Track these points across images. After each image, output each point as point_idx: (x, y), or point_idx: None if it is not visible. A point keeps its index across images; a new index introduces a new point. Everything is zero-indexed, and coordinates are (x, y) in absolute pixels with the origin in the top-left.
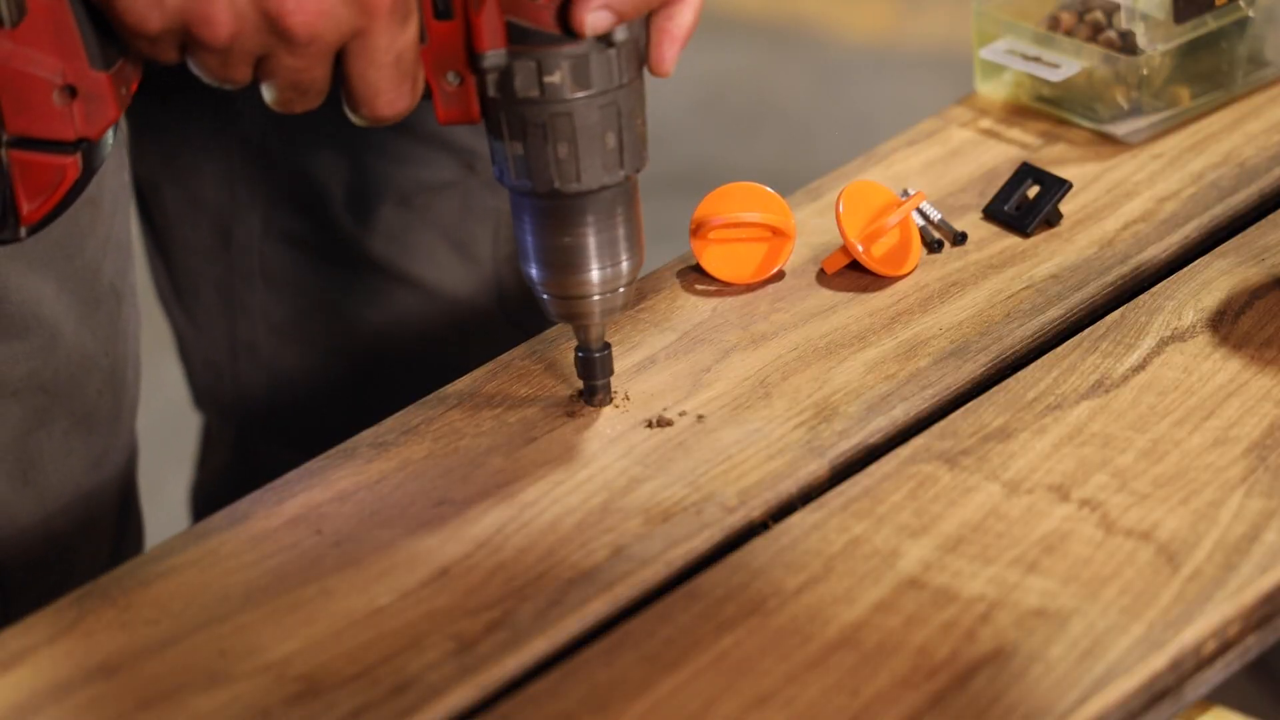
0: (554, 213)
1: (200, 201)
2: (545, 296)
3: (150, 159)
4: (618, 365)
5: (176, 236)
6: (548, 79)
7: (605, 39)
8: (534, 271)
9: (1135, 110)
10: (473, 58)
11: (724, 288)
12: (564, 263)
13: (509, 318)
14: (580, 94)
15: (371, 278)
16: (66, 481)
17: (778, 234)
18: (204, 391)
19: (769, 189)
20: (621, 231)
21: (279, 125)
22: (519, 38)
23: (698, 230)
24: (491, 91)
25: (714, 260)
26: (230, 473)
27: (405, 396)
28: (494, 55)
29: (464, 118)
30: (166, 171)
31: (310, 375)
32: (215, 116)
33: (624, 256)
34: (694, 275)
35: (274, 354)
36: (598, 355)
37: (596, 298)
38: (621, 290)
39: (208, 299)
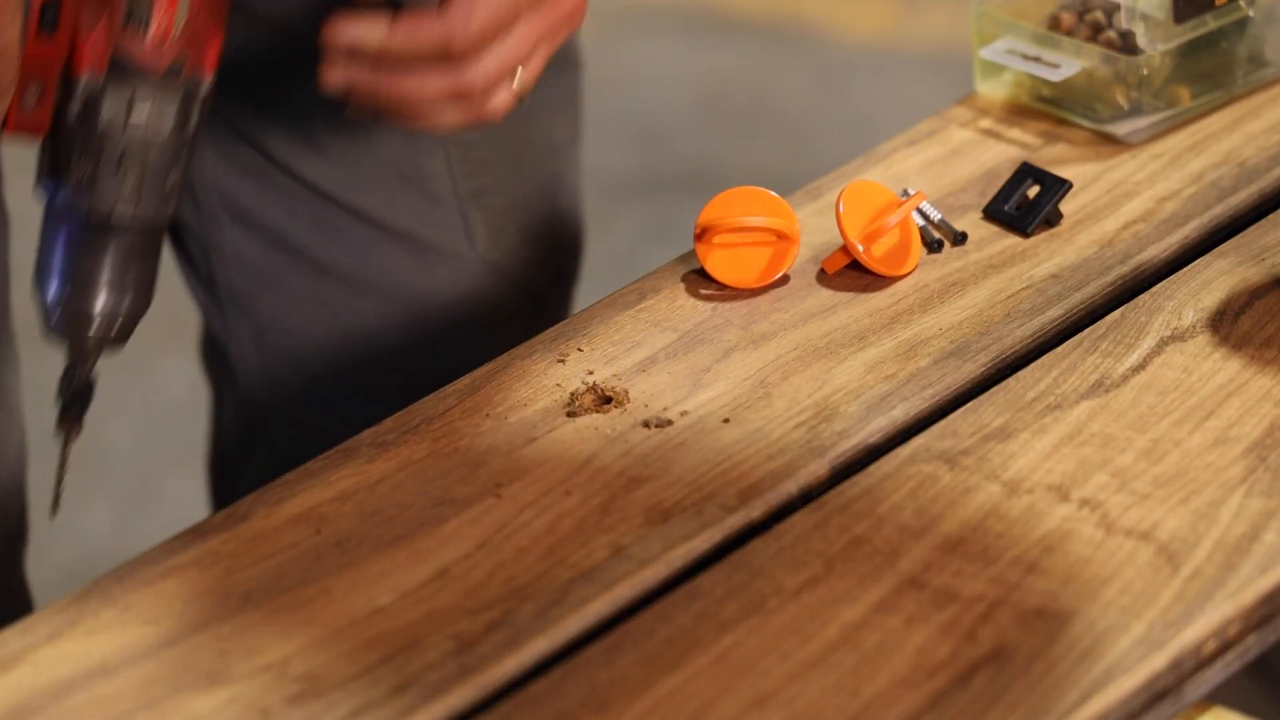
0: (99, 241)
1: None
2: (58, 312)
3: None
4: (618, 365)
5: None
6: (135, 114)
7: (195, 86)
8: (54, 287)
9: (1135, 110)
10: (67, 78)
11: (724, 288)
12: (89, 284)
13: (481, 256)
14: (160, 132)
15: (329, 212)
16: None
17: (783, 239)
18: (207, 349)
19: (773, 193)
20: (149, 265)
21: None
22: (119, 72)
23: (702, 235)
24: (74, 111)
25: (718, 265)
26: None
27: (388, 339)
28: (90, 80)
29: (31, 130)
30: None
31: (293, 322)
32: None
33: (140, 293)
34: (694, 275)
35: (254, 300)
36: (80, 388)
37: (101, 331)
38: (121, 323)
39: (196, 253)
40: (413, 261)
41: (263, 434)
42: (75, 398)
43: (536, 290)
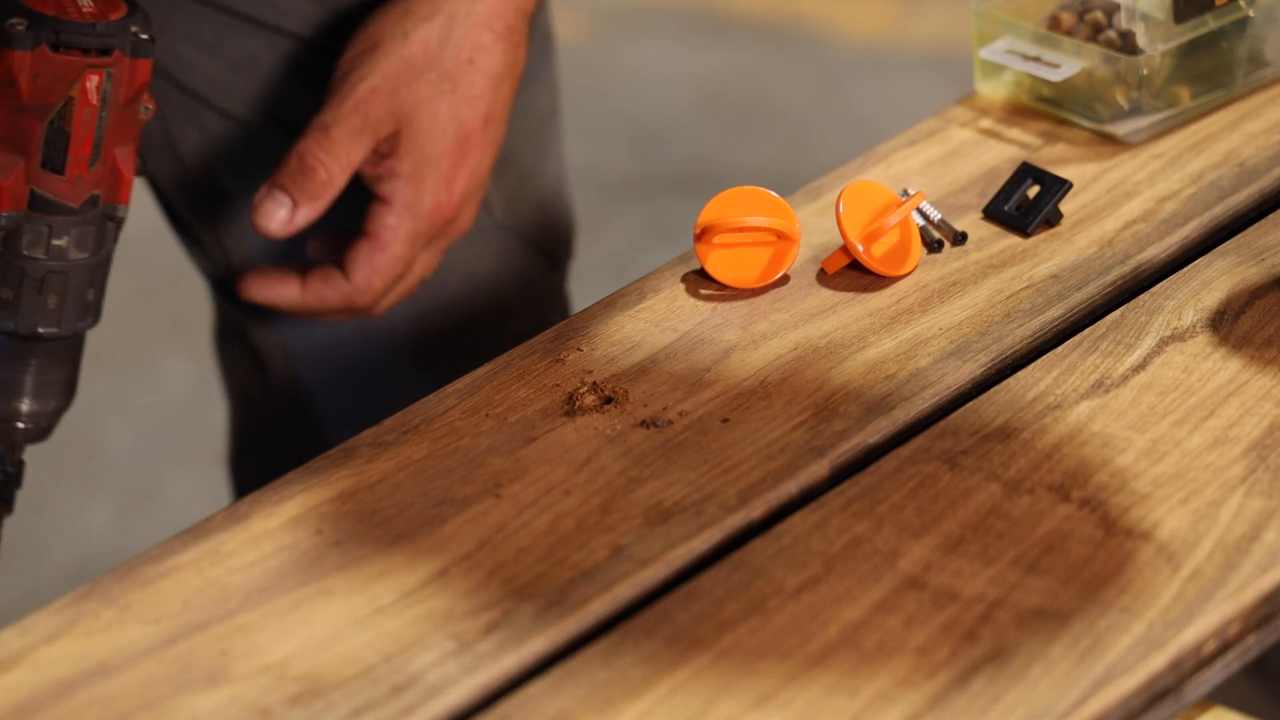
0: (23, 350)
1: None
2: None
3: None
4: (618, 365)
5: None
6: (55, 242)
7: (112, 211)
8: None
9: (1135, 110)
10: None
11: (724, 288)
12: (15, 390)
13: (499, 224)
14: (79, 256)
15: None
16: None
17: (783, 239)
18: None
19: (773, 193)
20: (70, 369)
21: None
22: (39, 206)
23: (702, 235)
24: None
25: (718, 265)
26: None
27: (410, 315)
28: (11, 217)
29: None
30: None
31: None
32: None
33: (63, 394)
34: (694, 275)
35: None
36: (12, 471)
37: (30, 426)
38: (45, 422)
39: (209, 242)
40: None
41: (291, 417)
42: (4, 485)
43: (550, 252)
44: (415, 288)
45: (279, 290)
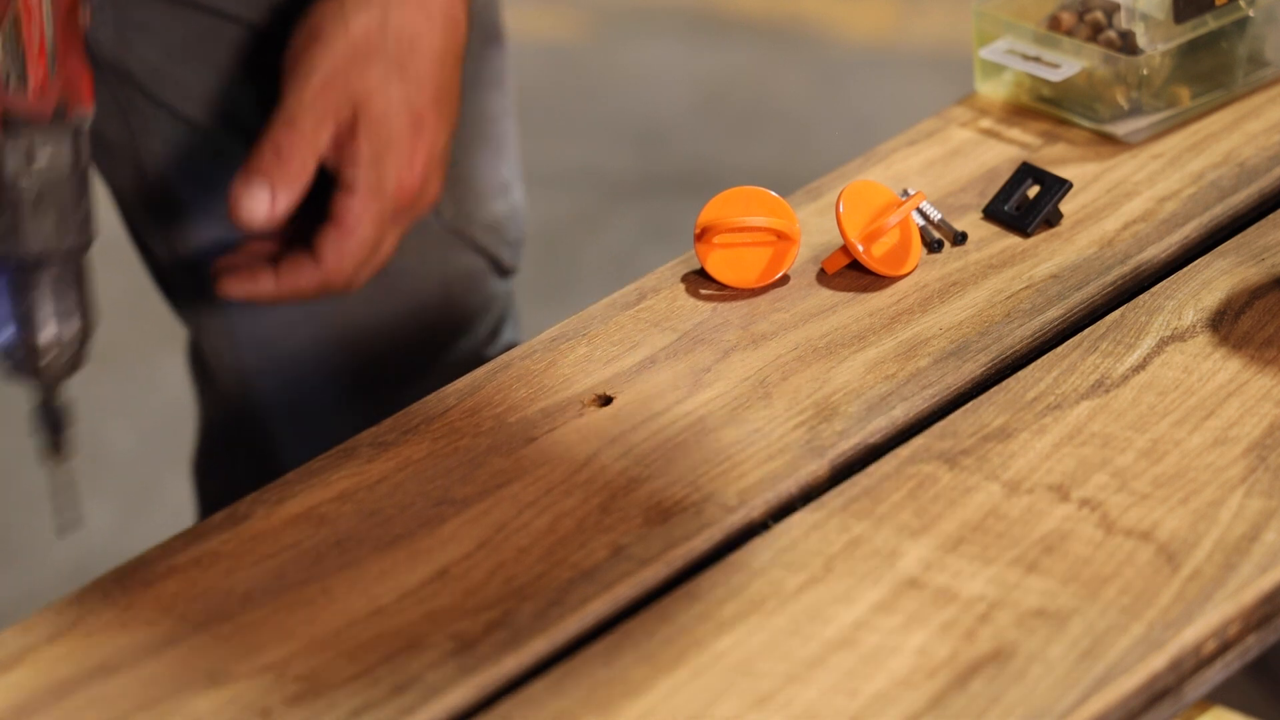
0: (33, 279)
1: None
2: (12, 355)
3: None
4: (618, 365)
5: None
6: (37, 160)
7: (81, 120)
8: (2, 334)
9: (1135, 110)
10: None
11: (724, 288)
12: (35, 321)
13: (448, 224)
14: (62, 169)
15: None
16: None
17: (783, 239)
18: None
19: (773, 193)
20: (85, 289)
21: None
22: (13, 129)
23: (702, 235)
24: None
25: (719, 265)
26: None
27: (357, 316)
28: None
29: None
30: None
31: (263, 307)
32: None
33: (84, 316)
34: (694, 275)
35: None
36: (59, 409)
37: (58, 356)
38: (74, 348)
39: (161, 254)
40: None
41: (246, 429)
42: (53, 427)
43: (495, 257)
44: (386, 262)
45: (255, 285)
